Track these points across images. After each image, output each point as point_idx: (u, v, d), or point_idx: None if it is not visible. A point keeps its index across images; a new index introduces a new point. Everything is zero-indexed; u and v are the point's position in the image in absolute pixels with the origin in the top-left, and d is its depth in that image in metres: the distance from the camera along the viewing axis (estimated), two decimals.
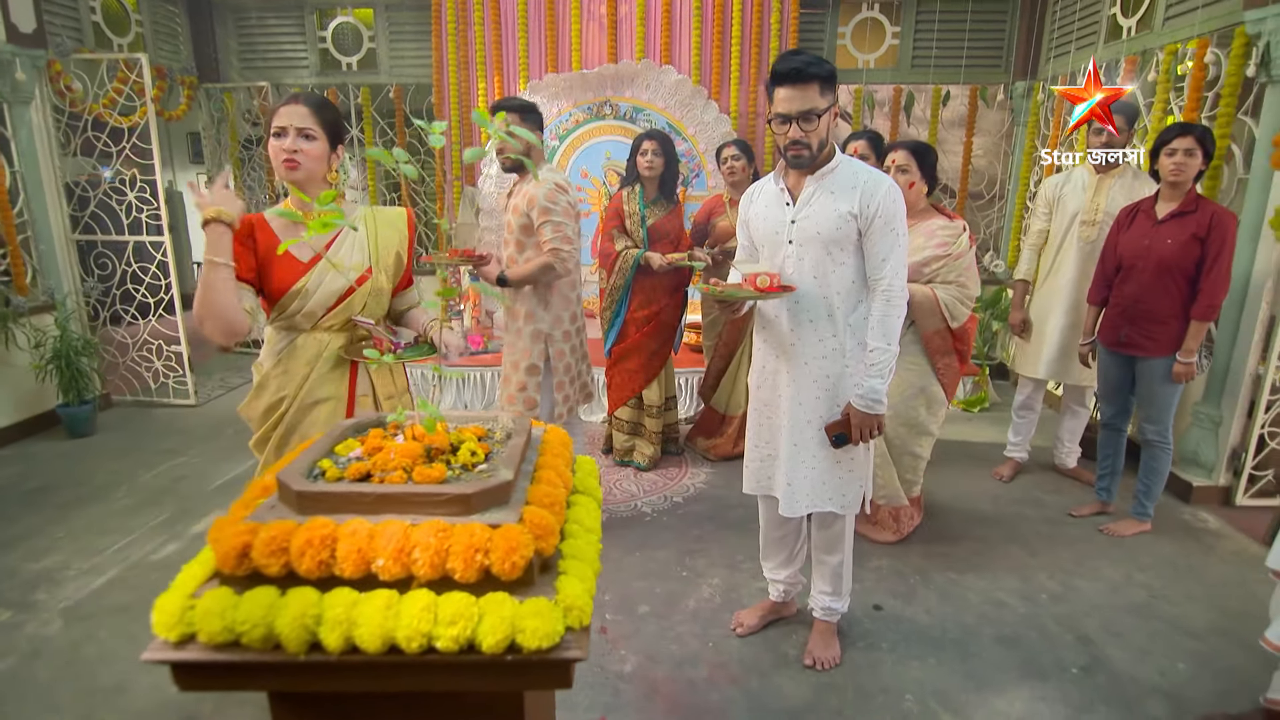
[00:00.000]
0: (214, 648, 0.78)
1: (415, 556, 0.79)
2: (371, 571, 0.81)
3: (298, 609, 0.78)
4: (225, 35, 5.34)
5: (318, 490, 0.86)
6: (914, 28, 4.97)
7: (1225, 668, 2.19)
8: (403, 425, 1.05)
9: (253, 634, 0.77)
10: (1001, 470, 3.56)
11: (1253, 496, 3.19)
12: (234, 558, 0.80)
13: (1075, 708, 2.03)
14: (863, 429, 1.90)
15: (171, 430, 4.14)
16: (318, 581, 0.81)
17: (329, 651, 0.78)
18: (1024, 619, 2.43)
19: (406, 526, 0.82)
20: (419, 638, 0.77)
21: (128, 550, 2.82)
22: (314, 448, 0.99)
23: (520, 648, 0.78)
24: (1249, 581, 2.67)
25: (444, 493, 0.86)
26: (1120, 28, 3.95)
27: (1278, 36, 2.80)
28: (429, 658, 0.78)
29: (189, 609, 0.80)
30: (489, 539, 0.81)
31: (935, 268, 2.49)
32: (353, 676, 0.80)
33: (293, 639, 0.77)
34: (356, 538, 0.80)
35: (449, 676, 0.80)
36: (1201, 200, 2.63)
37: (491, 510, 0.87)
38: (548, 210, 2.56)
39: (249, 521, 0.83)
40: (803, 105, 1.74)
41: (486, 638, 0.77)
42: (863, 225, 1.82)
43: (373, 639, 0.77)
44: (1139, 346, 2.79)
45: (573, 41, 4.89)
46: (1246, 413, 3.14)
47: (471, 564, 0.79)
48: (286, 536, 0.80)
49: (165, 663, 0.80)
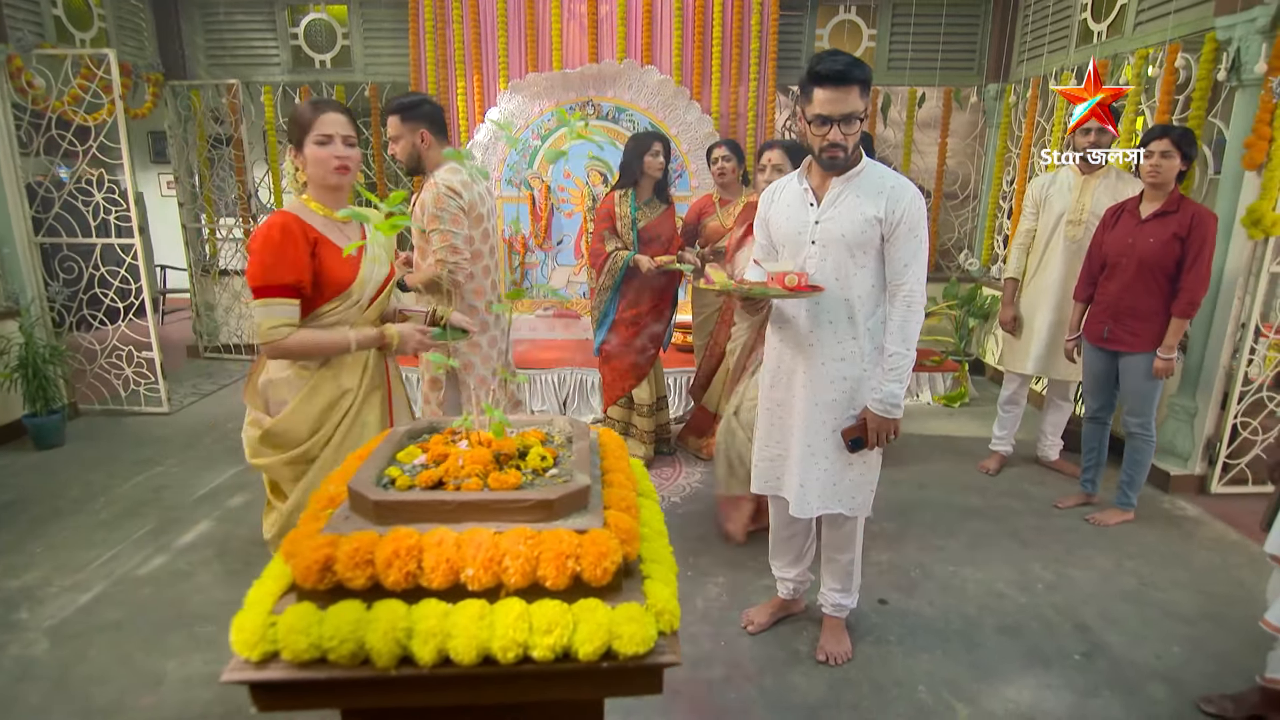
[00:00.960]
0: (299, 665, 0.76)
1: (506, 565, 0.78)
2: (458, 581, 0.79)
3: (388, 622, 0.75)
4: (191, 31, 5.18)
5: (396, 499, 0.83)
6: (890, 30, 5.06)
7: (1217, 651, 2.27)
8: (459, 431, 1.03)
9: (341, 650, 0.74)
10: (987, 464, 3.64)
11: (1227, 484, 3.32)
12: (316, 572, 0.77)
13: (1080, 693, 2.09)
14: (880, 433, 1.91)
15: (145, 439, 4.00)
16: (402, 593, 0.79)
17: (421, 665, 0.76)
18: (1023, 608, 2.49)
19: (493, 534, 0.80)
20: (515, 647, 0.75)
21: (112, 565, 2.72)
22: (375, 455, 0.97)
23: (616, 654, 0.77)
24: (1230, 567, 2.78)
25: (527, 499, 0.84)
26: (1091, 32, 4.07)
27: (1247, 42, 2.92)
28: (523, 668, 0.77)
29: (270, 626, 0.77)
30: (578, 545, 0.80)
31: None
32: (444, 690, 0.78)
33: (384, 653, 0.75)
34: (444, 547, 0.78)
35: (543, 686, 0.78)
36: (1184, 201, 2.72)
37: (573, 516, 0.86)
38: (436, 218, 2.39)
39: (327, 534, 0.81)
40: (845, 108, 1.73)
41: (583, 645, 0.76)
42: (886, 230, 1.83)
43: (468, 650, 0.75)
44: (1122, 342, 2.88)
45: (553, 41, 4.86)
46: (1220, 404, 3.26)
47: (563, 571, 0.78)
48: (370, 548, 0.78)
49: (246, 683, 0.77)
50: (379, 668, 0.75)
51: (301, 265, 1.62)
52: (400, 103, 2.43)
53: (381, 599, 0.79)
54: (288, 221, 1.65)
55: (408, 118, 2.42)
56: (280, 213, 1.70)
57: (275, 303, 1.62)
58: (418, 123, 2.43)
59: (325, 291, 1.69)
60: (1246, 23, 2.90)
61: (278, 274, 1.61)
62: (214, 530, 2.98)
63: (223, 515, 3.11)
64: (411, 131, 2.44)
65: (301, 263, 1.62)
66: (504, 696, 0.79)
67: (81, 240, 4.12)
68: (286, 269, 1.61)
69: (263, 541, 2.83)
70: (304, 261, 1.63)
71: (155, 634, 2.32)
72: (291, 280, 1.62)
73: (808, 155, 1.94)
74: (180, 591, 2.55)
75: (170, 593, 2.54)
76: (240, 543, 2.87)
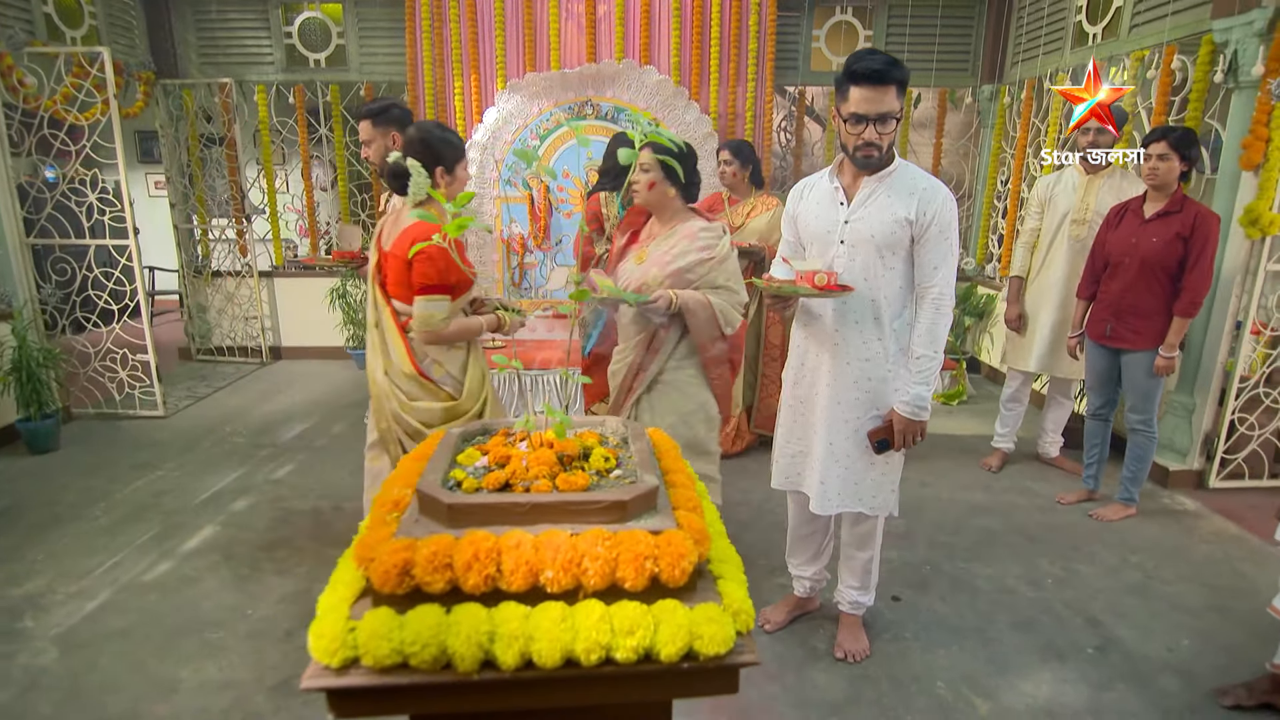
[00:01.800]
0: (380, 671, 0.75)
1: (585, 567, 0.78)
2: (536, 584, 0.78)
3: (471, 626, 0.75)
4: (183, 29, 5.11)
5: (470, 502, 0.83)
6: (886, 32, 5.09)
7: (1226, 643, 2.31)
8: (513, 432, 1.02)
9: (424, 655, 0.74)
10: (990, 460, 3.68)
11: (1225, 479, 3.38)
12: (395, 576, 0.76)
13: (1096, 687, 2.11)
14: (906, 435, 1.92)
15: (142, 443, 3.94)
16: (480, 597, 0.78)
17: (502, 668, 0.75)
18: (1034, 603, 2.52)
19: (570, 536, 0.80)
20: (598, 649, 0.75)
21: (116, 571, 2.68)
22: (436, 458, 0.96)
23: (697, 654, 0.77)
24: (1231, 560, 2.82)
25: (601, 500, 0.84)
26: (1086, 34, 4.13)
27: (1244, 45, 2.98)
28: (604, 670, 0.76)
29: (350, 632, 0.76)
30: (655, 546, 0.80)
31: (701, 272, 2.26)
32: (525, 693, 0.77)
33: (467, 657, 0.74)
34: (522, 550, 0.78)
35: (623, 687, 0.78)
36: (1187, 201, 2.77)
37: (644, 516, 0.86)
38: None
39: (401, 538, 0.80)
40: (881, 107, 1.73)
41: (666, 646, 0.76)
42: (917, 232, 1.84)
43: (551, 653, 0.74)
44: (1124, 340, 2.93)
45: (551, 41, 4.85)
46: (1218, 401, 3.32)
47: (642, 572, 0.78)
48: (449, 551, 0.77)
49: (324, 690, 0.76)
50: (460, 672, 0.75)
51: (457, 269, 2.01)
52: (370, 108, 2.51)
53: (459, 602, 0.78)
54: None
55: (379, 122, 2.49)
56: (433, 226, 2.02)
57: (438, 299, 2.02)
58: (389, 126, 2.50)
59: (460, 289, 2.09)
60: (1244, 25, 2.95)
61: (447, 276, 2.01)
62: (219, 535, 2.94)
63: (227, 520, 3.07)
64: (384, 135, 2.51)
65: (457, 267, 2.01)
66: (583, 699, 0.79)
67: (74, 241, 4.06)
68: (453, 272, 2.01)
69: (266, 546, 2.84)
70: (457, 266, 2.00)
71: (166, 641, 2.28)
72: (454, 281, 2.03)
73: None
74: (188, 598, 2.52)
75: (178, 599, 2.51)
76: (246, 548, 2.84)
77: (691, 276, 2.25)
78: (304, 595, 2.53)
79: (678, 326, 2.31)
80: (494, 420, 1.10)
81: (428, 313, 2.03)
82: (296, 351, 5.67)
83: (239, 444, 3.94)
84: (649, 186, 2.26)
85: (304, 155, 5.30)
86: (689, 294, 2.21)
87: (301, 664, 2.17)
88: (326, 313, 5.38)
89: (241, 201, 5.33)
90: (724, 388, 2.47)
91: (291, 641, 2.29)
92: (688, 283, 2.25)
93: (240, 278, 5.48)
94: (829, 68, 5.16)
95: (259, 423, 4.27)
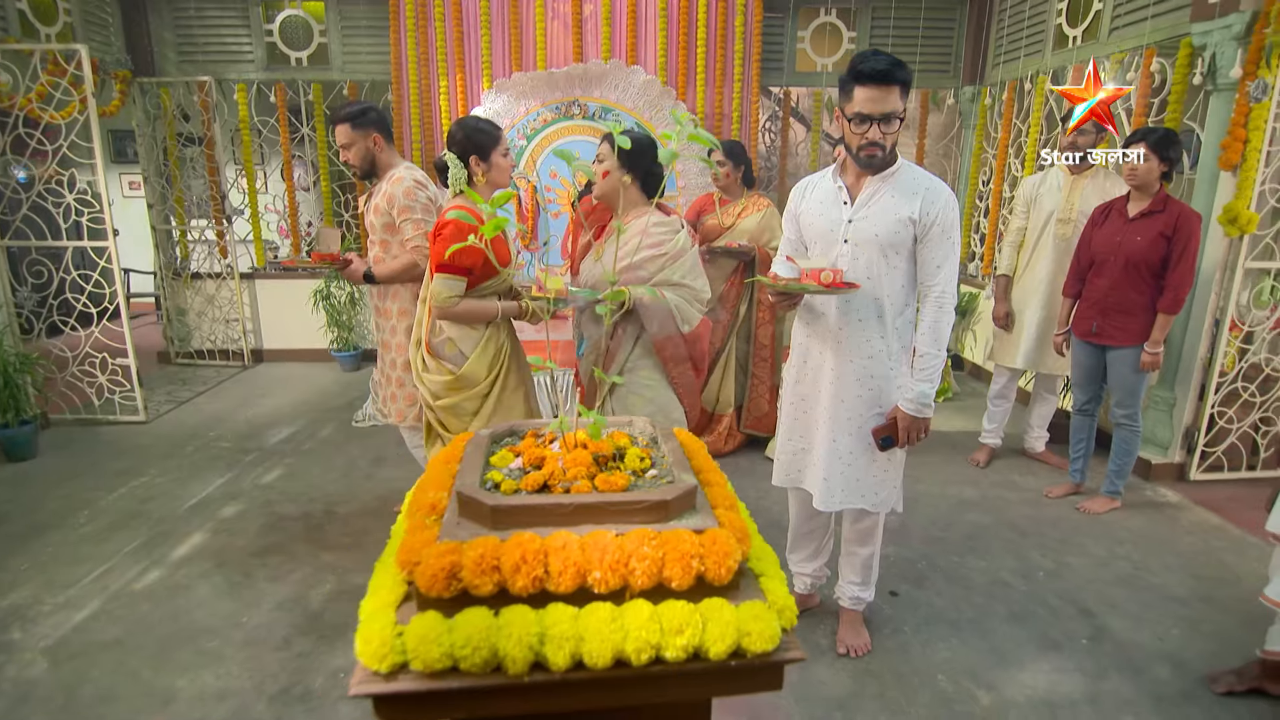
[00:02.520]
0: (430, 676, 0.74)
1: (633, 567, 0.78)
2: (583, 585, 0.78)
3: (521, 628, 0.74)
4: (160, 27, 5.01)
5: (514, 504, 0.82)
6: (869, 33, 5.14)
7: (1213, 631, 2.37)
8: (542, 433, 1.02)
9: (474, 658, 0.73)
10: (977, 456, 3.74)
11: (1205, 471, 3.47)
12: (443, 580, 0.76)
13: (1092, 676, 2.16)
14: (911, 432, 1.95)
15: (123, 449, 3.86)
16: (527, 599, 0.78)
17: (552, 670, 0.75)
18: (1027, 596, 2.56)
19: (615, 537, 0.80)
20: (648, 649, 0.75)
21: (105, 580, 2.62)
22: (469, 460, 0.95)
23: (744, 652, 0.77)
24: (1214, 550, 2.90)
25: (643, 500, 0.84)
26: (1067, 37, 4.21)
27: (1223, 48, 3.06)
28: (652, 669, 0.76)
29: (398, 636, 0.75)
30: (700, 545, 0.80)
31: (652, 269, 2.26)
32: (574, 694, 0.77)
33: (518, 659, 0.74)
34: (569, 551, 0.78)
35: (672, 687, 0.78)
36: (1170, 200, 2.83)
37: (685, 516, 0.86)
38: (409, 208, 2.55)
39: (446, 541, 0.79)
40: (886, 108, 1.74)
41: (715, 644, 0.76)
42: (920, 232, 1.86)
43: (602, 653, 0.75)
44: (1110, 337, 2.99)
45: (537, 40, 4.84)
46: (1198, 395, 3.40)
47: (689, 571, 0.78)
48: (496, 553, 0.77)
49: (373, 696, 0.75)
50: (510, 675, 0.75)
51: (476, 252, 2.09)
52: (349, 112, 2.57)
53: (504, 605, 0.78)
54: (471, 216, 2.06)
55: (358, 125, 2.57)
56: (462, 208, 2.03)
57: (452, 279, 2.13)
58: (368, 129, 2.59)
59: (489, 271, 2.19)
60: (1222, 29, 3.03)
61: (459, 257, 2.09)
62: (209, 542, 2.89)
63: (216, 527, 3.02)
64: (364, 137, 2.59)
65: (476, 250, 2.07)
66: (630, 699, 0.79)
67: (51, 243, 3.96)
68: (466, 254, 2.09)
69: (258, 552, 2.79)
70: (478, 250, 2.06)
71: (161, 650, 2.24)
72: (467, 264, 2.13)
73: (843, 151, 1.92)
74: (181, 606, 2.47)
75: (171, 607, 2.46)
76: (238, 554, 2.80)
77: (644, 273, 2.25)
78: (299, 602, 2.49)
79: (634, 325, 2.31)
80: (522, 422, 1.09)
81: (439, 290, 2.15)
82: (278, 354, 5.59)
83: (224, 449, 3.88)
84: (602, 176, 2.29)
85: (285, 155, 5.22)
86: (643, 290, 2.17)
87: (301, 672, 2.16)
88: (310, 315, 5.32)
89: (221, 202, 5.23)
90: (687, 385, 2.47)
91: (289, 649, 2.26)
92: (642, 279, 2.25)
93: (221, 280, 5.39)
94: (813, 68, 5.21)
95: (244, 427, 4.21)
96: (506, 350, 2.33)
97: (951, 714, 2.01)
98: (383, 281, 2.65)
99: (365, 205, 2.73)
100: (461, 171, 2.20)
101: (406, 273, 2.62)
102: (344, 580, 2.63)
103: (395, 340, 2.74)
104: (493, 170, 2.25)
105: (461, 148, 2.22)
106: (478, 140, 2.22)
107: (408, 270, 2.61)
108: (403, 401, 2.77)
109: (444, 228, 2.14)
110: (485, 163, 2.24)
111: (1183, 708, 2.03)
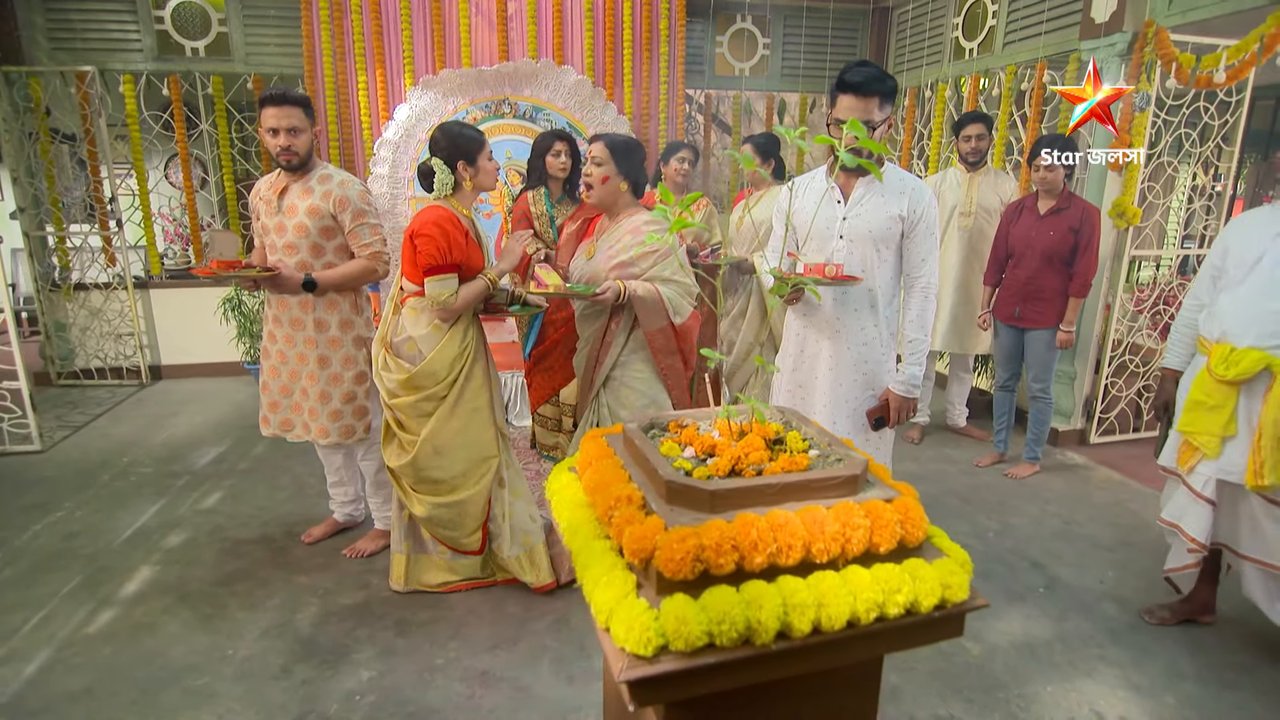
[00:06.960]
0: (689, 654, 0.78)
1: (849, 536, 0.85)
2: (806, 557, 0.84)
3: (772, 599, 0.80)
4: (29, 10, 4.47)
5: (730, 488, 0.87)
6: (782, 41, 5.41)
7: (1140, 570, 2.74)
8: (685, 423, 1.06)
9: (730, 632, 0.78)
10: (911, 434, 4.06)
11: (1102, 435, 3.95)
12: (689, 562, 0.79)
13: (1055, 619, 2.44)
14: (901, 411, 2.13)
15: (23, 482, 3.43)
16: (759, 573, 0.83)
17: (794, 636, 0.81)
18: (985, 555, 2.84)
19: (826, 510, 0.86)
20: (875, 608, 0.83)
21: (47, 627, 2.35)
22: (645, 453, 0.98)
23: (945, 603, 0.87)
24: (1123, 501, 3.32)
25: (838, 475, 0.91)
26: (964, 49, 4.63)
27: (1107, 63, 3.49)
28: (876, 626, 0.84)
29: (656, 620, 0.78)
30: (898, 512, 0.88)
31: (644, 266, 2.31)
32: (813, 657, 0.83)
33: (770, 629, 0.79)
34: (792, 526, 0.84)
35: (894, 639, 0.86)
36: (1074, 198, 3.22)
37: (865, 489, 0.94)
38: (364, 212, 2.47)
39: (679, 526, 0.83)
40: (862, 115, 1.89)
41: (926, 599, 0.85)
42: (908, 228, 2.05)
43: (840, 616, 0.81)
44: (1030, 320, 3.36)
45: (462, 37, 4.73)
46: (1094, 369, 3.87)
47: (894, 537, 0.87)
48: (733, 534, 0.81)
49: (640, 680, 0.77)
50: (758, 645, 0.79)
51: (462, 249, 2.18)
52: (303, 97, 2.45)
53: (739, 581, 0.82)
54: (452, 216, 2.20)
55: (309, 113, 2.47)
56: (439, 209, 2.20)
57: (446, 278, 2.17)
58: (313, 119, 2.49)
59: (470, 269, 2.24)
60: (1107, 46, 3.46)
61: (450, 255, 2.15)
62: (161, 575, 2.65)
63: (164, 558, 2.77)
64: (311, 127, 2.48)
65: (462, 247, 2.18)
66: (864, 653, 0.86)
67: None
68: (456, 252, 2.17)
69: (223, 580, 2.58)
70: (464, 247, 2.19)
71: (141, 696, 2.05)
72: (458, 260, 2.18)
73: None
74: (151, 646, 2.27)
75: (139, 649, 2.25)
76: (201, 585, 2.59)
77: (636, 270, 2.32)
78: (286, 628, 2.36)
79: (627, 318, 2.39)
80: (660, 414, 1.12)
81: (436, 291, 2.17)
82: (180, 370, 5.14)
83: (146, 474, 3.54)
84: (602, 181, 2.31)
85: (183, 152, 4.80)
86: (637, 284, 2.29)
87: (311, 699, 2.06)
88: (215, 325, 4.92)
89: (108, 205, 4.74)
90: (676, 378, 2.55)
91: (291, 677, 2.14)
92: (633, 276, 2.32)
93: (109, 290, 4.88)
94: (731, 73, 5.41)
95: (161, 450, 3.86)
96: (470, 352, 2.32)
97: (951, 665, 2.21)
98: (329, 289, 2.48)
99: (275, 203, 2.47)
100: (449, 177, 2.23)
101: (359, 279, 2.51)
102: (330, 601, 2.50)
103: (340, 354, 2.57)
104: (480, 175, 2.28)
105: (448, 153, 2.23)
106: (464, 146, 2.23)
107: (362, 276, 2.51)
108: (351, 417, 2.62)
109: (426, 226, 2.15)
110: (473, 167, 2.26)
111: (1133, 637, 2.34)
